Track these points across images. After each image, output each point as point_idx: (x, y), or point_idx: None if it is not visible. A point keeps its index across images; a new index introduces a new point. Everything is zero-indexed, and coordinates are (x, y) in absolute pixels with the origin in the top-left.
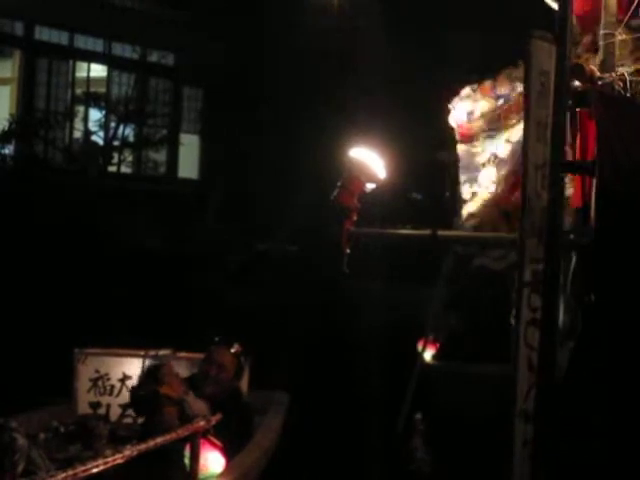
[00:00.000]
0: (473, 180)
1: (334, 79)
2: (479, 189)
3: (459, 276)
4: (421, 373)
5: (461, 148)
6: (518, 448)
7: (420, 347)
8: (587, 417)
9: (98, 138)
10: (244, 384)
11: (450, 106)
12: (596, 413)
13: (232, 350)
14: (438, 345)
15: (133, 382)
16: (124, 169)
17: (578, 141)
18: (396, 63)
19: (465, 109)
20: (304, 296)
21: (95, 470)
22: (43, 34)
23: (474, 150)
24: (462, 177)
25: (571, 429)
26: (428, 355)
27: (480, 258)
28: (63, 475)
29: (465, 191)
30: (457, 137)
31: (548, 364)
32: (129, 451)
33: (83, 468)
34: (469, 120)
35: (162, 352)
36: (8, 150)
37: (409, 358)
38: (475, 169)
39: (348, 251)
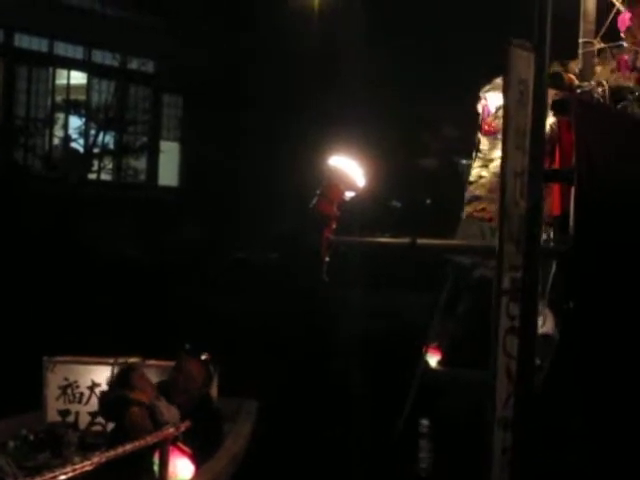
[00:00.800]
0: (485, 165)
1: (315, 86)
2: (487, 175)
3: (459, 286)
4: (425, 378)
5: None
6: (497, 456)
7: (424, 353)
8: (566, 424)
9: (78, 145)
10: (213, 391)
11: (481, 94)
12: (575, 420)
13: (202, 358)
14: (442, 351)
15: (102, 389)
16: (104, 176)
17: (557, 149)
18: (378, 69)
19: (495, 102)
20: (283, 304)
21: (63, 477)
22: (23, 41)
23: (496, 141)
24: (477, 162)
25: (550, 437)
26: (433, 361)
27: (479, 269)
28: None
29: (474, 173)
30: (480, 130)
31: (527, 372)
32: (98, 458)
33: (51, 475)
34: (495, 115)
35: (131, 360)
36: None
37: (395, 364)
38: (491, 158)
39: (327, 259)
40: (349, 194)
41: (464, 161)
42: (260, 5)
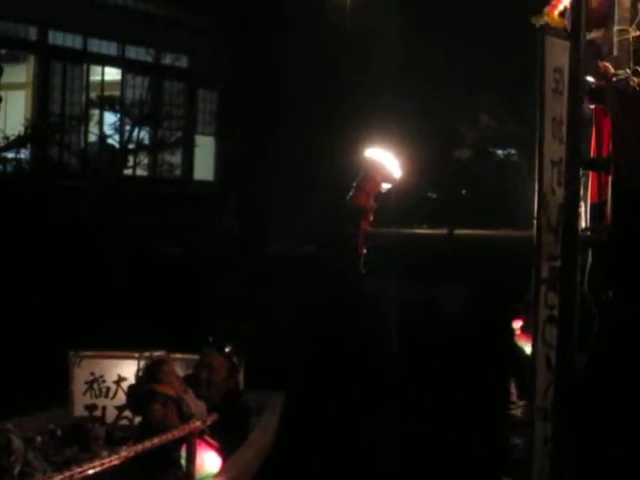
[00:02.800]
0: None
1: (350, 79)
2: None
3: None
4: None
5: None
6: (538, 446)
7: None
8: (605, 414)
9: (113, 141)
10: (240, 384)
11: None
12: (614, 410)
13: (224, 351)
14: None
15: (128, 384)
16: (140, 172)
17: (593, 137)
18: (414, 62)
19: None
20: (321, 296)
21: (91, 471)
22: (57, 38)
23: None
24: None
25: (590, 426)
26: (528, 348)
27: None
28: (60, 477)
29: None
30: None
31: (567, 362)
32: (126, 452)
33: (79, 470)
34: None
35: (157, 354)
36: (24, 155)
37: (434, 357)
38: None
39: (365, 251)
40: (386, 186)
41: (500, 151)
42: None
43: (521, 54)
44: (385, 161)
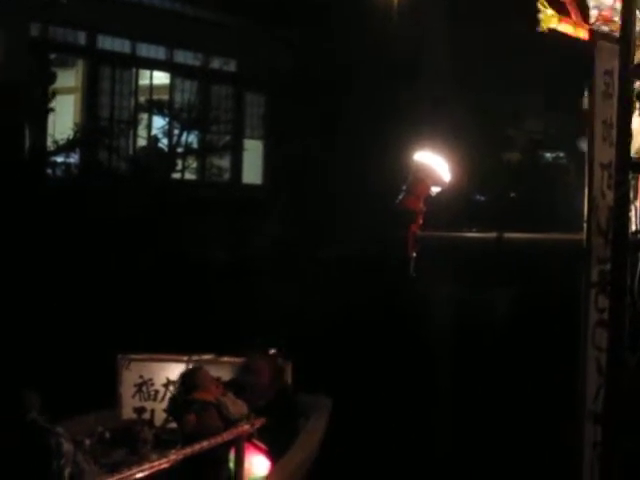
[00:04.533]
0: None
1: (399, 82)
2: None
3: None
4: None
5: None
6: (587, 450)
7: None
8: None
9: (162, 145)
10: (287, 388)
11: None
12: None
13: (269, 355)
14: None
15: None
16: (188, 176)
17: None
18: (462, 65)
19: None
20: (371, 299)
21: (140, 475)
22: (106, 43)
23: None
24: None
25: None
26: None
27: None
28: (108, 479)
29: None
30: None
31: (617, 365)
32: (174, 455)
33: (129, 473)
34: None
35: (204, 357)
36: (73, 159)
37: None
38: None
39: (415, 254)
40: (435, 189)
41: (548, 154)
42: (342, 1)
43: (571, 55)
44: (435, 164)
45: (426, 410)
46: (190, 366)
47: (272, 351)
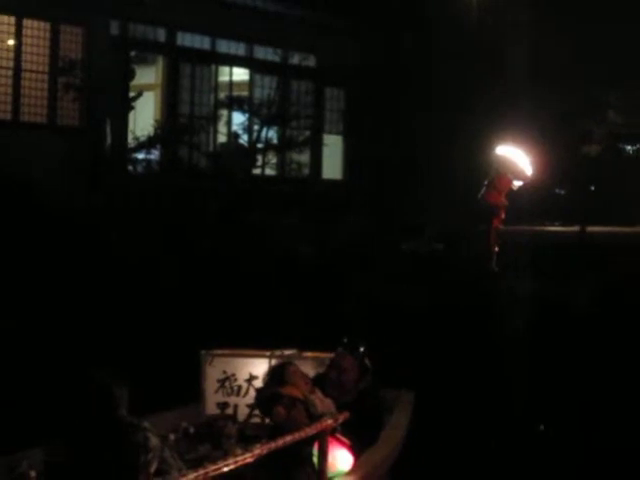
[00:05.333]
0: None
1: (478, 76)
2: None
3: None
4: None
5: None
6: None
7: None
8: None
9: (242, 141)
10: (369, 384)
11: None
12: None
13: (357, 353)
14: None
15: (259, 382)
16: (268, 171)
17: None
18: (541, 56)
19: None
20: (451, 294)
21: (226, 469)
22: (185, 40)
23: None
24: None
25: None
26: None
27: None
28: (195, 474)
29: None
30: None
31: None
32: (259, 450)
33: (214, 467)
34: None
35: (288, 352)
36: (154, 155)
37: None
38: None
39: (497, 249)
40: (517, 183)
41: (629, 147)
42: None
43: None
44: (516, 159)
45: (512, 408)
46: (274, 361)
47: (360, 351)
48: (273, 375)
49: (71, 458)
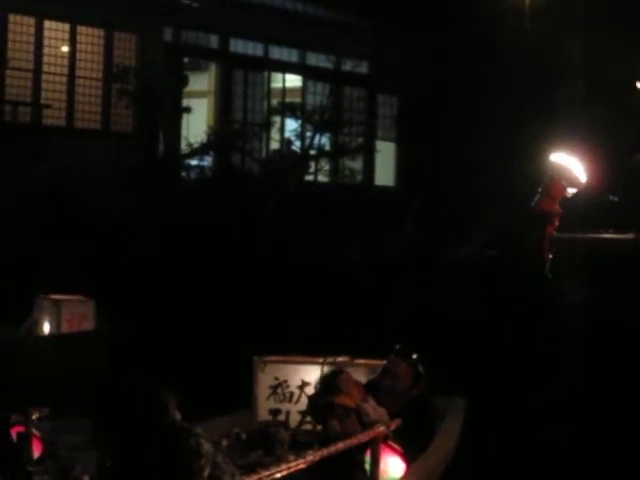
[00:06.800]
0: None
1: (530, 83)
2: None
3: None
4: None
5: None
6: None
7: None
8: None
9: (294, 148)
10: (422, 391)
11: None
12: None
13: (410, 360)
14: None
15: (311, 389)
16: (321, 178)
17: None
18: (593, 61)
19: None
20: (504, 302)
21: (278, 475)
22: (238, 46)
23: None
24: None
25: None
26: None
27: None
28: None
29: None
30: None
31: None
32: (312, 456)
33: (267, 473)
34: None
35: (340, 359)
36: (207, 162)
37: None
38: None
39: (550, 256)
40: (571, 191)
41: None
42: (473, 4)
43: None
44: (570, 165)
45: (566, 416)
46: (326, 368)
47: (414, 358)
48: (325, 383)
49: (123, 463)
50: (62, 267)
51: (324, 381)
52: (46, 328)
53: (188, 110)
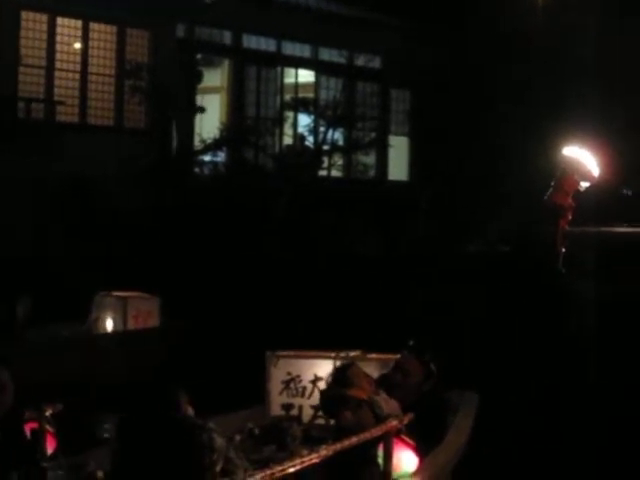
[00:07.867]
0: None
1: (543, 76)
2: None
3: None
4: None
5: None
6: None
7: None
8: None
9: (308, 143)
10: (430, 387)
11: None
12: None
13: (423, 356)
14: None
15: (324, 383)
16: (335, 173)
17: None
18: (607, 56)
19: None
20: (517, 296)
21: (292, 470)
22: (251, 42)
23: None
24: None
25: None
26: None
27: None
28: (261, 475)
29: None
30: None
31: None
32: (325, 451)
33: (280, 468)
34: None
35: (352, 353)
36: (220, 157)
37: None
38: None
39: (564, 250)
40: (584, 184)
41: None
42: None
43: None
44: (583, 159)
45: (580, 413)
46: (338, 362)
47: (426, 355)
48: (336, 377)
49: (136, 458)
50: (94, 267)
51: (335, 374)
52: (109, 325)
53: (202, 110)
